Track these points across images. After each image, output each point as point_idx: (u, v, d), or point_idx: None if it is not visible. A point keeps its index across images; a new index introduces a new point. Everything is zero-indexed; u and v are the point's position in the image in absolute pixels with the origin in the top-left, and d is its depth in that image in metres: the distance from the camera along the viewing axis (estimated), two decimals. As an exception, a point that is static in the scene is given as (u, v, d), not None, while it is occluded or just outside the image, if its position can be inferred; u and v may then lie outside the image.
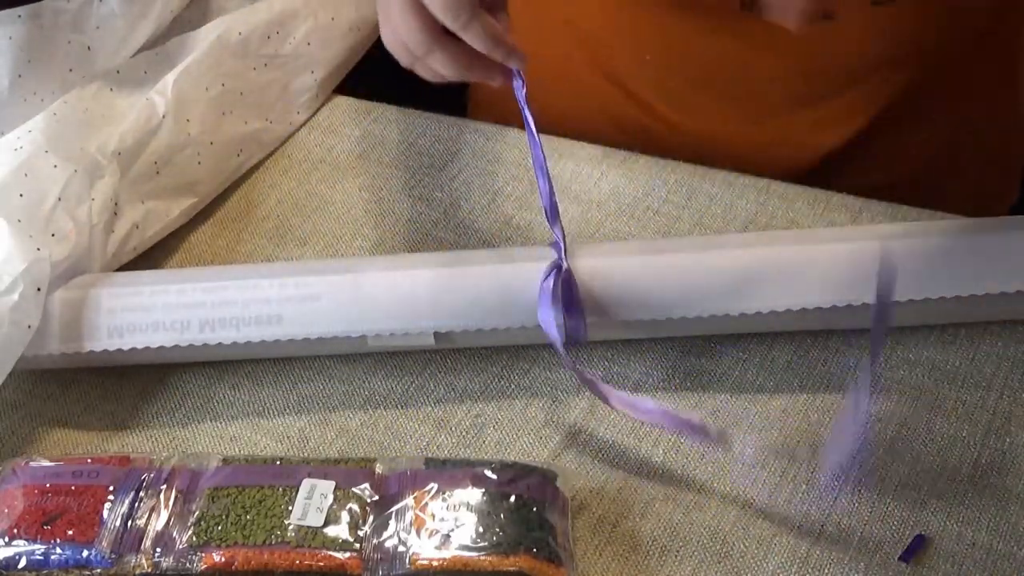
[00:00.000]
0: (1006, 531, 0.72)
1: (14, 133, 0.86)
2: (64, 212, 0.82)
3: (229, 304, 0.79)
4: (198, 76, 0.93)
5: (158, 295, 0.80)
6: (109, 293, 0.80)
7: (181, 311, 0.79)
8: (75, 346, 0.79)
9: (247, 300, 0.79)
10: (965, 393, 0.79)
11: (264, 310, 0.78)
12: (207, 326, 0.79)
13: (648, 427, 0.78)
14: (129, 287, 0.81)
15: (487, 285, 0.79)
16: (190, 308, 0.79)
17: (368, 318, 0.79)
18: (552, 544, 0.67)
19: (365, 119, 1.03)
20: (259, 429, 0.79)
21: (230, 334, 0.79)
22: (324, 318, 0.78)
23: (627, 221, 0.92)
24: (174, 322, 0.79)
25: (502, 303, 0.79)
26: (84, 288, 0.81)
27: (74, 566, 0.67)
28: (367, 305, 0.79)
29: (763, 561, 0.70)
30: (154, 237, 0.91)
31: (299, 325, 0.79)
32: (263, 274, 0.81)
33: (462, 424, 0.79)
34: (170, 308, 0.79)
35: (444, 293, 0.79)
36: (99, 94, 0.92)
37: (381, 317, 0.79)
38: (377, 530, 0.68)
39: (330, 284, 0.79)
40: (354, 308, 0.78)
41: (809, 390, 0.80)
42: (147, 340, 0.79)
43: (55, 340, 0.79)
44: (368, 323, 0.79)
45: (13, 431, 0.79)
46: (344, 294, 0.79)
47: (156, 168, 0.91)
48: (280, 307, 0.78)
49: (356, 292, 0.79)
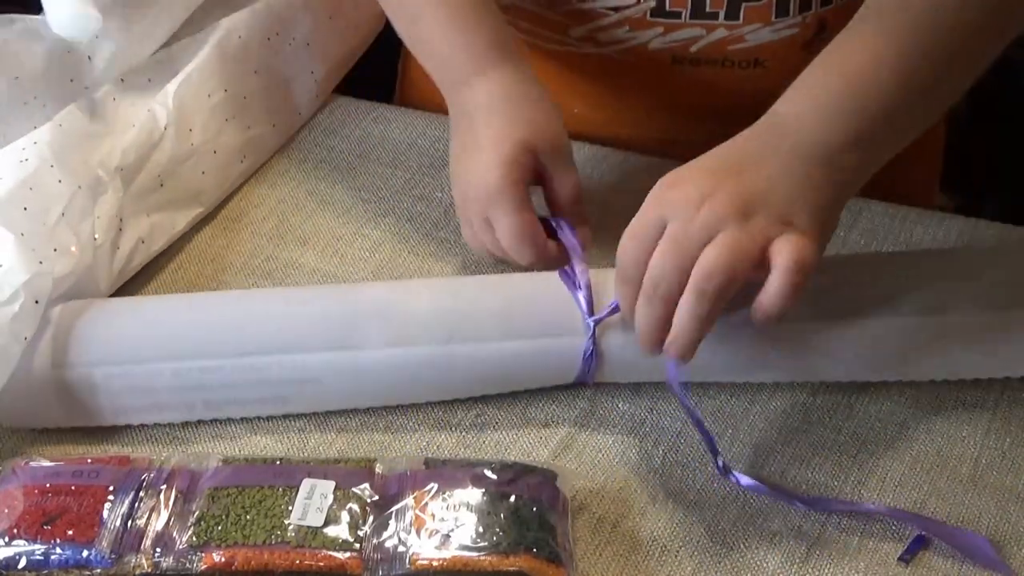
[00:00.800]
0: (1006, 531, 0.72)
1: (19, 143, 0.86)
2: (67, 228, 0.82)
3: (230, 387, 0.77)
4: (199, 84, 0.93)
5: (154, 377, 0.77)
6: (103, 374, 0.76)
7: (183, 394, 0.77)
8: (82, 423, 0.78)
9: (248, 382, 0.77)
10: (965, 393, 0.79)
11: (267, 392, 0.78)
12: (212, 406, 0.78)
13: (648, 427, 0.78)
14: (120, 366, 0.77)
15: (494, 362, 0.78)
16: (191, 391, 0.77)
17: (371, 396, 0.79)
18: (552, 544, 0.67)
19: (365, 119, 1.03)
20: (259, 429, 0.79)
21: (236, 411, 0.79)
22: (328, 399, 0.78)
23: (627, 221, 0.92)
24: (179, 404, 0.78)
25: (506, 382, 0.79)
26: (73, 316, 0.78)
27: (74, 566, 0.67)
28: (369, 386, 0.78)
29: (763, 561, 0.70)
30: (160, 250, 0.91)
31: (304, 405, 0.79)
32: (256, 347, 0.77)
33: (462, 424, 0.79)
34: (172, 391, 0.77)
35: (447, 372, 0.78)
36: (103, 103, 0.92)
37: (384, 395, 0.79)
38: (377, 530, 0.68)
39: (329, 365, 0.77)
40: (356, 388, 0.78)
41: (809, 390, 0.80)
42: (155, 418, 0.79)
43: (60, 418, 0.78)
44: (371, 400, 0.79)
45: (13, 431, 0.79)
46: (345, 377, 0.77)
47: (160, 181, 0.90)
48: (283, 389, 0.78)
49: (356, 374, 0.77)
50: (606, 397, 0.80)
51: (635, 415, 0.79)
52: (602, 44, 0.95)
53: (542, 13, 0.95)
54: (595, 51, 0.96)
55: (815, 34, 0.93)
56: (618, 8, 0.92)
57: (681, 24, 0.91)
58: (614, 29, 0.93)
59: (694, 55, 0.93)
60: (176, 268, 0.91)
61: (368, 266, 0.90)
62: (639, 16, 0.92)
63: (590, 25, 0.94)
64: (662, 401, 0.79)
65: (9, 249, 0.78)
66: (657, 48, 0.93)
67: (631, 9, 0.91)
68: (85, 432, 0.79)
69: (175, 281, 0.90)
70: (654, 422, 0.78)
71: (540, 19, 0.96)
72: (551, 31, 0.96)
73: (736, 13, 0.90)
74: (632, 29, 0.93)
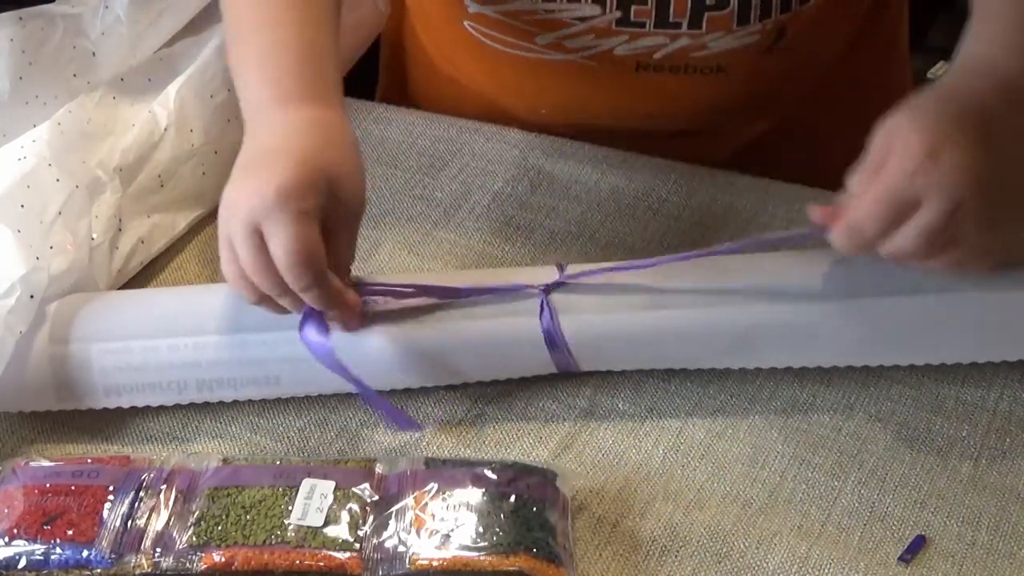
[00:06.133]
0: (1006, 531, 0.72)
1: (18, 141, 0.86)
2: (63, 226, 0.82)
3: (222, 365, 0.77)
4: (201, 85, 0.93)
5: (149, 353, 0.77)
6: (98, 350, 0.77)
7: (175, 371, 0.77)
8: (73, 404, 0.79)
9: (240, 360, 0.77)
10: (965, 393, 0.79)
11: (260, 372, 0.78)
12: (204, 387, 0.78)
13: (648, 427, 0.78)
14: (116, 342, 0.77)
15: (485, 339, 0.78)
16: (184, 368, 0.77)
17: (367, 379, 0.77)
18: (552, 544, 0.67)
19: (365, 119, 1.03)
20: (259, 429, 0.79)
21: (228, 393, 0.79)
22: (322, 377, 0.77)
23: (627, 221, 0.92)
24: (170, 383, 0.78)
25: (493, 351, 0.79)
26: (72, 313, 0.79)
27: (74, 566, 0.67)
28: (364, 367, 0.77)
29: (763, 561, 0.70)
30: (160, 250, 0.91)
31: (298, 385, 0.78)
32: (249, 324, 0.77)
33: (462, 424, 0.79)
34: (163, 369, 0.77)
35: (440, 352, 0.78)
36: (103, 102, 0.92)
37: (380, 375, 0.78)
38: (377, 530, 0.68)
39: None
40: (351, 366, 0.76)
41: (810, 391, 0.80)
42: (146, 400, 0.78)
43: (52, 399, 0.78)
44: (367, 380, 0.77)
45: (13, 431, 0.79)
46: (341, 353, 0.76)
47: (160, 182, 0.90)
48: (276, 368, 0.77)
49: (352, 352, 0.76)
50: (606, 397, 0.80)
51: (635, 415, 0.79)
52: (568, 51, 0.95)
53: (509, 22, 0.95)
54: (561, 57, 0.96)
55: (774, 41, 0.94)
56: (584, 18, 0.92)
57: (646, 32, 0.93)
58: (580, 37, 0.94)
59: (658, 62, 0.94)
60: (176, 268, 0.91)
61: (368, 266, 0.90)
62: (605, 26, 0.93)
63: (557, 33, 0.94)
64: (662, 401, 0.79)
65: (6, 245, 0.78)
66: (622, 54, 0.94)
67: (597, 19, 0.92)
68: (85, 432, 0.79)
69: (175, 281, 0.90)
70: (654, 422, 0.78)
71: (507, 27, 0.96)
72: (518, 38, 0.96)
73: (699, 22, 0.91)
74: (598, 37, 0.94)
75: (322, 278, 0.72)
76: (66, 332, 0.78)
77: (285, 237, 0.70)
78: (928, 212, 0.69)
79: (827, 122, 0.80)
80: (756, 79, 0.94)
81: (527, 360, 0.78)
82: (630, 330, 0.77)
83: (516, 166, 0.97)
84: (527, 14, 0.94)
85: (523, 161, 0.98)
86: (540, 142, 0.99)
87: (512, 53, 0.98)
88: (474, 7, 0.95)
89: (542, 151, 0.99)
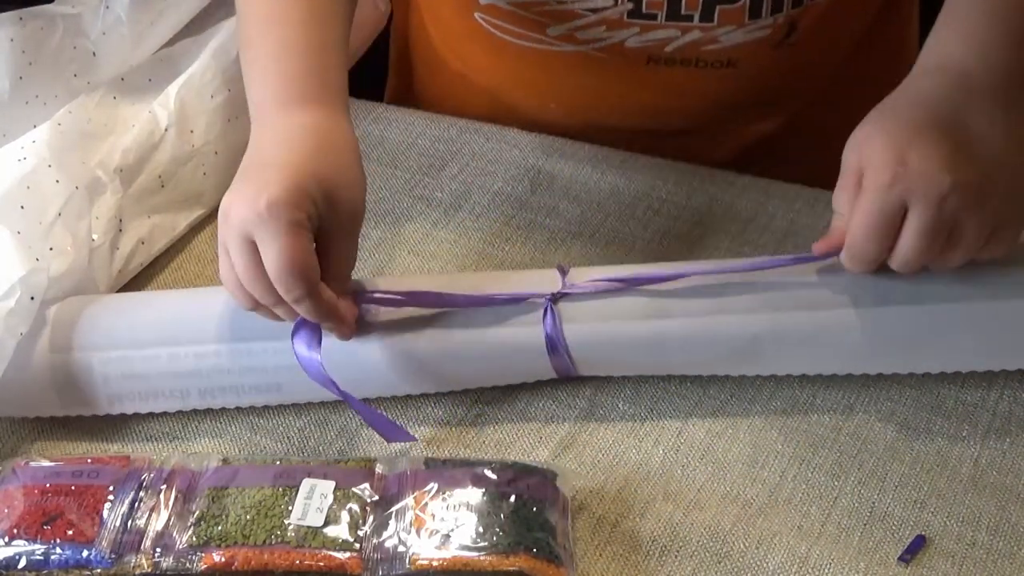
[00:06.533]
0: (1006, 531, 0.72)
1: (18, 142, 0.86)
2: (63, 228, 0.82)
3: (224, 373, 0.77)
4: (202, 85, 0.93)
5: (150, 362, 0.77)
6: (100, 359, 0.77)
7: (178, 380, 0.77)
8: (78, 410, 0.79)
9: (242, 368, 0.77)
10: (965, 393, 0.79)
11: (262, 379, 0.78)
12: (207, 394, 0.78)
13: (648, 427, 0.78)
14: (117, 351, 0.77)
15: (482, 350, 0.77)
16: (186, 377, 0.77)
17: (367, 385, 0.78)
18: (552, 544, 0.67)
19: (365, 119, 1.03)
20: (259, 429, 0.79)
21: (231, 400, 0.79)
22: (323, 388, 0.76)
23: (627, 221, 0.92)
24: (173, 391, 0.78)
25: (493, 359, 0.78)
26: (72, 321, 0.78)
27: (74, 566, 0.67)
28: (364, 374, 0.77)
29: (763, 561, 0.70)
30: (160, 250, 0.91)
31: (299, 393, 0.78)
32: (251, 333, 0.77)
33: (462, 424, 0.79)
34: (165, 377, 0.77)
35: (440, 359, 0.77)
36: (103, 103, 0.92)
37: (378, 383, 0.78)
38: (377, 530, 0.68)
39: (323, 351, 0.75)
40: (351, 376, 0.76)
41: (810, 391, 0.80)
42: (149, 407, 0.78)
43: (56, 406, 0.78)
44: (367, 390, 0.78)
45: (13, 431, 0.79)
46: (340, 364, 0.76)
47: (161, 182, 0.90)
48: (277, 376, 0.77)
49: (352, 360, 0.76)
50: (606, 397, 0.80)
51: (635, 415, 0.79)
52: (579, 42, 0.96)
53: (521, 13, 0.96)
54: (572, 49, 0.96)
55: (785, 36, 0.94)
56: (596, 9, 0.93)
57: (657, 25, 0.93)
58: (592, 28, 0.94)
59: (669, 55, 0.95)
60: (176, 268, 0.91)
61: (368, 266, 0.90)
62: (616, 17, 0.93)
63: (568, 24, 0.94)
64: (662, 401, 0.79)
65: (5, 246, 0.78)
66: (633, 47, 0.94)
67: (609, 11, 0.92)
68: (85, 432, 0.79)
69: (175, 281, 0.90)
70: (654, 422, 0.78)
71: (518, 18, 0.96)
72: (529, 29, 0.96)
73: (710, 15, 0.92)
74: (609, 29, 0.94)
75: (314, 290, 0.72)
76: (67, 340, 0.77)
77: (276, 249, 0.70)
78: (917, 215, 0.71)
79: (835, 121, 0.80)
80: (766, 74, 0.94)
81: (527, 367, 0.78)
82: (632, 338, 0.77)
83: (516, 166, 0.97)
84: (538, 5, 0.94)
85: (523, 161, 0.98)
86: (540, 142, 0.99)
87: (523, 45, 0.98)
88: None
89: (542, 151, 0.99)
